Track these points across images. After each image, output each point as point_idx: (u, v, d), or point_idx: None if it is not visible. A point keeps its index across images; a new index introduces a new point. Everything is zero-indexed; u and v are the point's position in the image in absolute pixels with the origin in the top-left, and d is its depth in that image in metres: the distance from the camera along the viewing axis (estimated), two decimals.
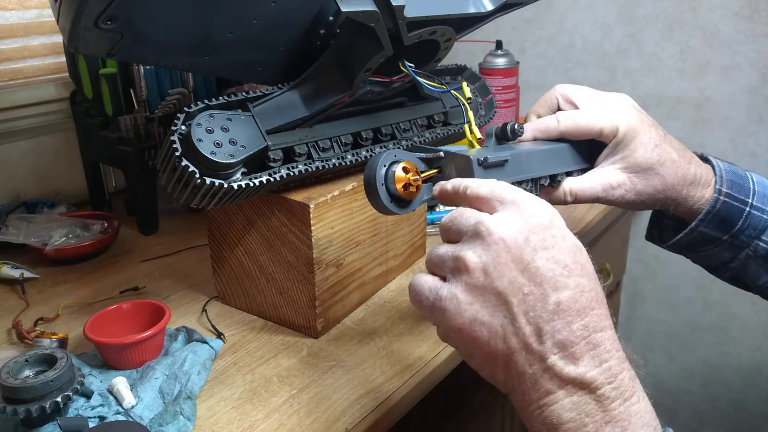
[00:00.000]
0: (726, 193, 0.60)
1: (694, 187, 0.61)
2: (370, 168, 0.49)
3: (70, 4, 0.49)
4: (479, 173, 0.52)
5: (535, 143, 0.61)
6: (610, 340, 0.38)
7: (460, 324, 0.39)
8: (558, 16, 1.35)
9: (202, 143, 0.55)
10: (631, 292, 1.44)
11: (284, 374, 0.62)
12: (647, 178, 0.60)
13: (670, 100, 1.27)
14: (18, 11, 1.02)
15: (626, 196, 0.61)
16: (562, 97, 0.63)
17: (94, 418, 0.54)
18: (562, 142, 0.62)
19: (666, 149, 0.60)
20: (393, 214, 0.51)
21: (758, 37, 1.15)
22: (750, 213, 0.61)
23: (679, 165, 0.60)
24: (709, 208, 0.61)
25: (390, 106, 0.71)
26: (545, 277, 0.38)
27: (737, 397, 1.39)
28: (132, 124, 0.93)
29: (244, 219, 0.68)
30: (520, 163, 0.57)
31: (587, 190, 0.61)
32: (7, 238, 0.86)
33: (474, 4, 0.65)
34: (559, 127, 0.61)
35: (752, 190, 0.61)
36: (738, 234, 0.61)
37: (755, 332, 1.31)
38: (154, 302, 0.65)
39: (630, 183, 0.61)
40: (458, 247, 0.41)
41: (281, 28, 0.64)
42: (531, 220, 0.39)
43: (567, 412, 0.37)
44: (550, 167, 0.60)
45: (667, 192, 0.61)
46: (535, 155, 0.59)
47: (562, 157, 0.61)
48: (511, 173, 0.56)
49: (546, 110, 0.65)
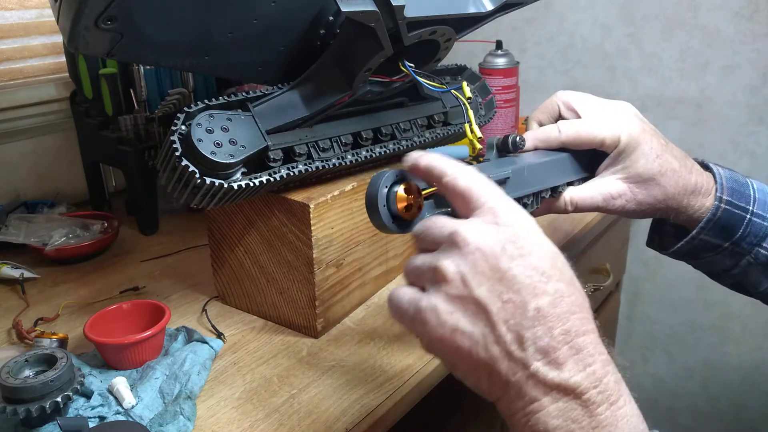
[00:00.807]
0: (727, 200, 0.60)
1: (694, 197, 0.61)
2: (372, 188, 0.49)
3: (70, 4, 0.49)
4: None
5: (536, 153, 0.61)
6: (593, 344, 0.38)
7: (442, 334, 0.39)
8: (558, 16, 1.35)
9: (202, 143, 0.55)
10: (631, 292, 1.44)
11: (284, 374, 0.62)
12: (648, 188, 0.60)
13: (670, 100, 1.27)
14: (18, 11, 1.02)
15: (627, 206, 0.61)
16: (564, 104, 0.63)
17: (94, 418, 0.54)
18: (563, 151, 0.62)
19: (667, 159, 0.60)
20: (394, 234, 0.51)
21: (758, 37, 1.15)
22: (751, 220, 0.60)
23: (680, 175, 0.60)
24: (710, 216, 0.60)
25: (390, 106, 0.71)
26: (523, 285, 0.37)
27: (737, 397, 1.39)
28: (132, 124, 0.93)
29: (244, 219, 0.68)
30: (522, 178, 0.57)
31: (588, 200, 0.61)
32: (7, 238, 0.86)
33: (474, 4, 0.65)
34: (560, 138, 0.61)
35: (753, 197, 0.61)
36: (739, 241, 0.61)
37: (755, 332, 1.31)
38: (154, 302, 0.65)
39: (630, 193, 0.61)
40: (435, 256, 0.40)
41: (281, 28, 0.64)
42: (507, 229, 0.39)
43: (553, 419, 0.37)
44: (552, 179, 0.60)
45: (668, 202, 0.61)
46: (537, 168, 0.59)
47: (563, 168, 0.62)
48: (513, 189, 0.56)
49: (547, 116, 0.64)
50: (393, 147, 0.70)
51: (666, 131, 1.36)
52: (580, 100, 0.62)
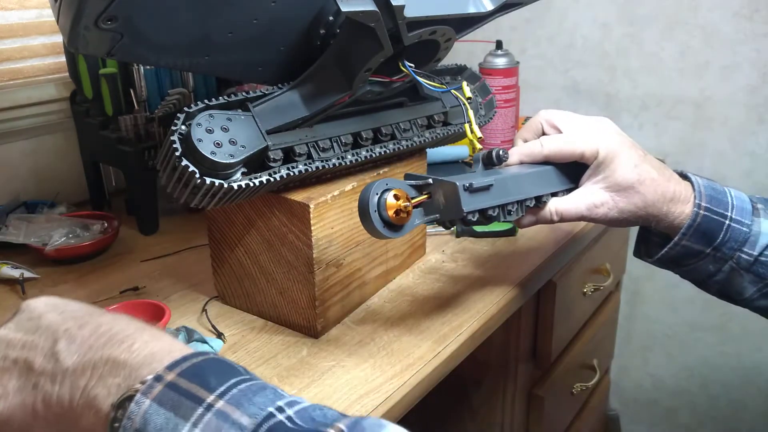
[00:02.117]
0: (705, 207, 0.63)
1: (674, 204, 0.64)
2: (364, 195, 0.52)
3: (70, 4, 0.49)
4: (465, 198, 0.56)
5: (521, 167, 0.65)
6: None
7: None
8: (558, 16, 1.35)
9: (202, 143, 0.55)
10: (631, 292, 1.44)
11: (284, 374, 0.62)
12: (628, 196, 0.64)
13: (670, 100, 1.27)
14: (18, 11, 1.01)
15: (609, 214, 0.65)
16: (546, 122, 0.68)
17: None
18: (548, 164, 0.66)
19: (645, 168, 0.63)
20: (386, 239, 0.53)
21: (758, 37, 1.15)
22: (730, 226, 0.63)
23: (659, 183, 0.63)
24: (690, 221, 0.63)
25: (390, 106, 0.71)
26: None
27: (737, 397, 1.39)
28: (132, 124, 0.93)
29: (244, 219, 0.68)
30: (506, 186, 0.61)
31: (572, 209, 0.65)
32: (7, 238, 0.86)
33: (474, 4, 0.65)
34: (543, 151, 0.65)
35: (730, 204, 0.64)
36: (720, 246, 0.63)
37: (755, 332, 1.31)
38: (154, 302, 0.65)
39: (612, 201, 0.64)
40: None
41: (281, 28, 0.64)
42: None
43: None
44: (535, 189, 0.64)
45: (648, 209, 0.64)
46: (521, 179, 0.63)
47: (547, 179, 0.65)
48: (497, 197, 0.60)
49: (532, 135, 0.69)
50: (393, 147, 0.70)
51: (666, 131, 1.36)
52: (561, 117, 0.67)
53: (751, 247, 0.63)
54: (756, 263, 0.63)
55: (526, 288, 0.80)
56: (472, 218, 0.57)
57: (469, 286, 0.77)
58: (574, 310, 1.06)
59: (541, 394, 1.02)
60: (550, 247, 0.88)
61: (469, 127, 0.68)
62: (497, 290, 0.77)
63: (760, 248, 0.63)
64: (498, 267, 0.82)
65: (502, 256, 0.85)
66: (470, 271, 0.82)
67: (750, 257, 0.63)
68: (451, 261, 0.84)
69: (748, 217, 0.64)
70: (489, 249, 0.87)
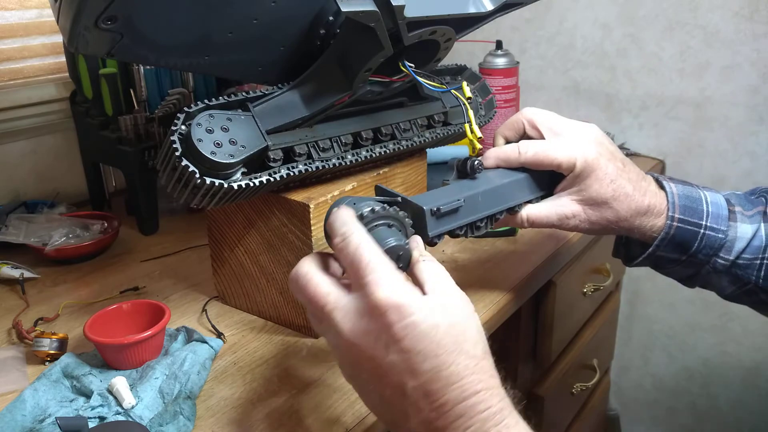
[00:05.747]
0: (679, 218, 0.63)
1: (647, 218, 0.64)
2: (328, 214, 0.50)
3: (70, 4, 0.49)
4: (432, 223, 0.56)
5: (496, 172, 0.65)
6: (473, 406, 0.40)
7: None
8: (558, 16, 1.35)
9: (202, 143, 0.55)
10: (631, 292, 1.44)
11: (284, 374, 0.62)
12: (601, 210, 0.64)
13: (670, 100, 1.27)
14: (18, 11, 1.02)
15: (580, 226, 0.65)
16: (528, 122, 0.66)
17: (94, 419, 0.54)
18: (523, 170, 0.65)
19: (621, 184, 0.63)
20: None
21: (758, 37, 1.15)
22: (705, 234, 0.63)
23: (633, 198, 0.63)
24: (663, 235, 0.64)
25: (390, 106, 0.71)
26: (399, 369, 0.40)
27: (737, 397, 1.39)
28: (132, 124, 0.93)
29: (244, 219, 0.68)
30: (476, 203, 0.60)
31: (544, 218, 0.65)
32: (7, 238, 0.86)
33: (474, 4, 0.65)
34: (520, 159, 0.64)
35: (706, 211, 0.64)
36: (696, 254, 0.64)
37: (755, 332, 1.31)
38: (154, 302, 0.65)
39: (584, 214, 0.64)
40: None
41: (281, 28, 0.64)
42: (380, 319, 0.40)
43: None
44: (508, 200, 0.64)
45: (620, 223, 0.64)
46: (493, 192, 0.62)
47: (521, 188, 0.65)
48: (466, 215, 0.59)
49: (513, 133, 0.68)
50: (393, 147, 0.70)
51: (666, 131, 1.36)
52: (545, 120, 0.65)
53: (727, 252, 0.63)
54: (733, 266, 0.64)
55: (526, 288, 0.80)
56: (437, 240, 0.57)
57: (469, 286, 0.77)
58: (574, 310, 1.06)
59: (541, 394, 1.02)
60: (550, 247, 0.88)
61: (469, 127, 0.68)
62: (497, 290, 0.77)
63: (736, 252, 0.63)
64: (498, 267, 0.83)
65: (502, 256, 0.85)
66: (470, 271, 0.82)
67: (726, 261, 0.64)
68: (451, 261, 0.84)
69: (723, 223, 0.63)
70: (489, 249, 0.87)
